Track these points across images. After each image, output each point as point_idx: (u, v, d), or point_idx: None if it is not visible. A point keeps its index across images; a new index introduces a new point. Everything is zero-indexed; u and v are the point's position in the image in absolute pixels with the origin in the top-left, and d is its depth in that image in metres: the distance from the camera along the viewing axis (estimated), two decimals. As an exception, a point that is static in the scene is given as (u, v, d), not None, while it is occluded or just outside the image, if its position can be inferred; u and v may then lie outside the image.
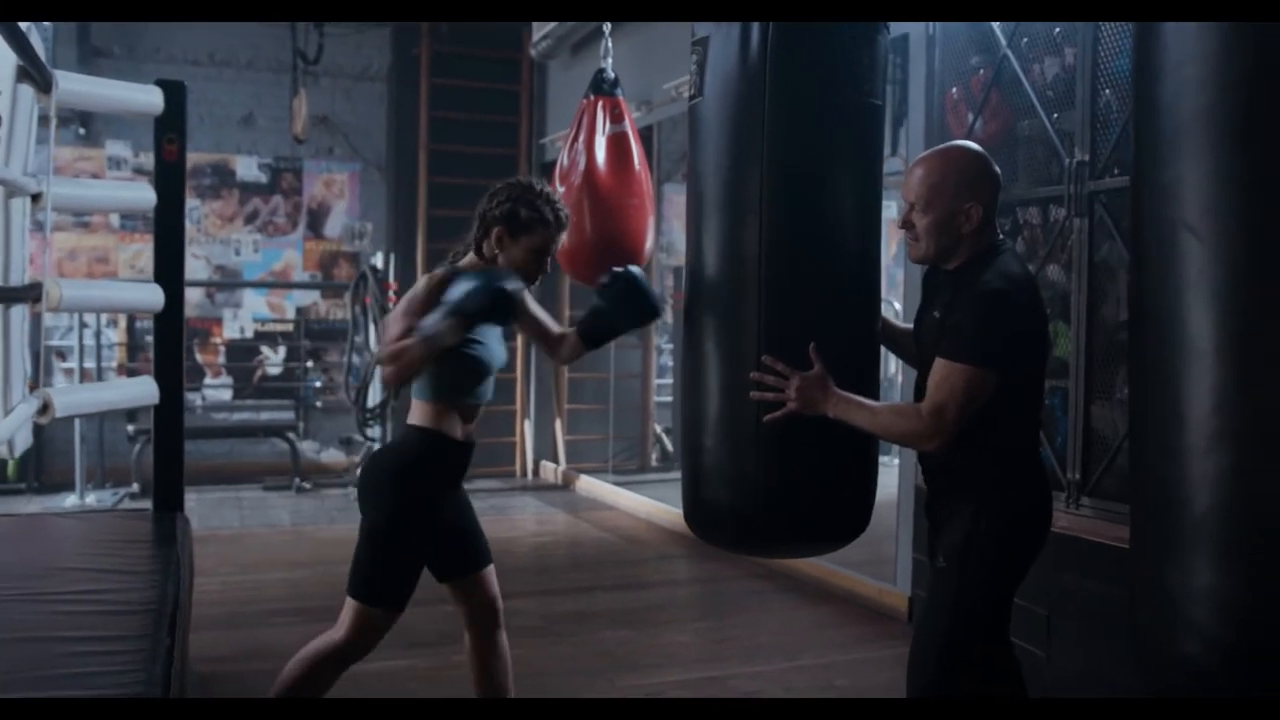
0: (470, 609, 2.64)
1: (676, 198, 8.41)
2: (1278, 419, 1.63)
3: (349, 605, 2.45)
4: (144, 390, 3.40)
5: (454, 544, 2.60)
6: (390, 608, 2.46)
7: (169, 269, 3.55)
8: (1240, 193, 1.67)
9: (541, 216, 2.46)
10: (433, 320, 2.31)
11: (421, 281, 2.48)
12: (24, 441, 3.00)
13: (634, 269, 2.58)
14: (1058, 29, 3.45)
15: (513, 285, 2.38)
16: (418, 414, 2.50)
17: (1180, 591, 1.73)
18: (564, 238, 2.55)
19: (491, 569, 2.67)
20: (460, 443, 2.52)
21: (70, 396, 3.31)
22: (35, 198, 3.02)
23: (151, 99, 3.52)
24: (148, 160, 7.46)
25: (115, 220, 7.60)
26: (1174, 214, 1.74)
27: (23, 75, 2.88)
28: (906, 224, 2.24)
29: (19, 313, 2.96)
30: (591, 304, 2.61)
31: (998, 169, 2.27)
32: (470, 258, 2.52)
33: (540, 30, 6.94)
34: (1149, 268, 1.84)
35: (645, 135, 4.31)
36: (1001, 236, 2.29)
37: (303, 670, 2.48)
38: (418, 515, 2.47)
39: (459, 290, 2.33)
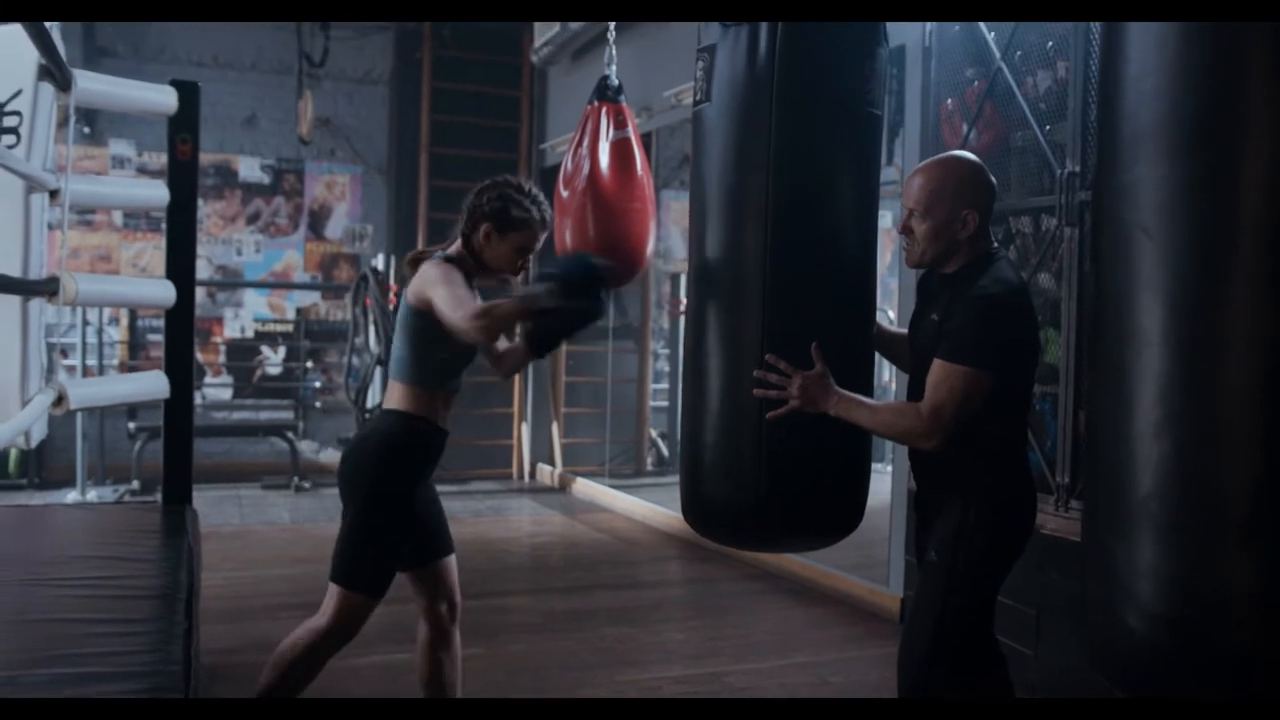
0: (429, 601, 2.64)
1: (674, 204, 8.49)
2: (1217, 406, 1.75)
3: (332, 591, 2.49)
4: (156, 384, 3.46)
5: (419, 533, 2.60)
6: (371, 594, 2.49)
7: (181, 266, 3.61)
8: (1189, 196, 1.78)
9: (530, 216, 2.53)
10: (532, 288, 2.37)
11: (434, 266, 2.47)
12: (40, 432, 3.06)
13: (587, 256, 2.60)
14: (1050, 43, 3.54)
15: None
16: (401, 399, 2.49)
17: (1126, 568, 1.84)
18: (543, 238, 2.59)
19: (452, 559, 2.67)
20: (442, 429, 2.55)
21: (84, 389, 3.37)
22: (53, 194, 3.08)
23: (166, 99, 3.59)
24: (151, 160, 7.56)
25: (119, 218, 7.66)
26: (1130, 215, 1.85)
27: (44, 73, 2.94)
28: (906, 229, 2.33)
29: (37, 306, 3.02)
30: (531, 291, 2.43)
31: (993, 178, 2.36)
32: (457, 247, 2.56)
33: (541, 36, 7.03)
34: (1106, 264, 1.95)
35: (644, 141, 4.39)
36: (996, 244, 2.37)
37: (293, 656, 2.52)
38: (398, 500, 2.50)
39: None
